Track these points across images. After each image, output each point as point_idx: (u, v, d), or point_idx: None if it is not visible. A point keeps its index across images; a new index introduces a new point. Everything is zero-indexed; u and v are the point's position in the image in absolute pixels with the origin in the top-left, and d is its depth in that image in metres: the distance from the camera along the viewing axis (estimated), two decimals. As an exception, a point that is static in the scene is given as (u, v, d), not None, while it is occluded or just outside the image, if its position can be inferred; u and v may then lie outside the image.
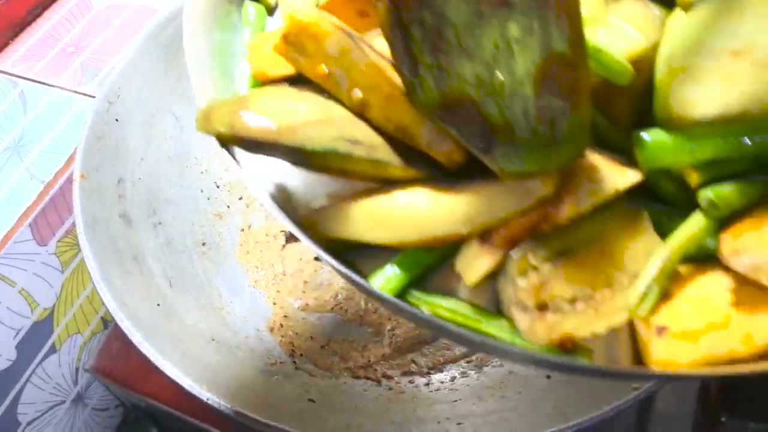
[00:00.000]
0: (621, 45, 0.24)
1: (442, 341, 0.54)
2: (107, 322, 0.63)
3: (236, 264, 0.57)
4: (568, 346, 0.24)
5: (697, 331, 0.23)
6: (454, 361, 0.52)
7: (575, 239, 0.24)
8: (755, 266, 0.21)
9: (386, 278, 0.26)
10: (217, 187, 0.59)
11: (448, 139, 0.24)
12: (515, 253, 0.24)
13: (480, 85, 0.22)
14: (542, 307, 0.23)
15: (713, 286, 0.23)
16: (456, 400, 0.47)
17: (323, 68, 0.25)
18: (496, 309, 0.26)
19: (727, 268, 0.23)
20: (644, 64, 0.25)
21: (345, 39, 0.24)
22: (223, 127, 0.25)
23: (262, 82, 0.29)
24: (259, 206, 0.61)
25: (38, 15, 0.69)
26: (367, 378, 0.51)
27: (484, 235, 0.24)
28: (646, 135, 0.24)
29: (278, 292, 0.57)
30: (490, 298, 0.26)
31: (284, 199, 0.28)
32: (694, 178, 0.24)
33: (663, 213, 0.25)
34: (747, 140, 0.23)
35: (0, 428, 0.55)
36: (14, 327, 0.55)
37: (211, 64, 0.31)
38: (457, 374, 0.51)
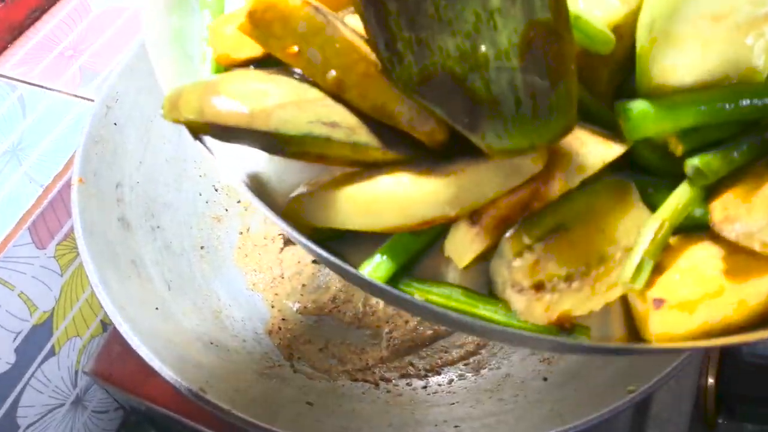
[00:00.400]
0: (600, 12, 0.24)
1: (439, 344, 0.54)
2: (106, 325, 0.63)
3: (234, 267, 0.57)
4: (566, 325, 0.23)
5: (693, 301, 0.23)
6: (452, 363, 0.53)
7: (566, 215, 0.24)
8: (747, 233, 0.21)
9: (375, 266, 0.25)
10: (216, 190, 0.59)
11: (430, 118, 0.23)
12: (509, 234, 0.23)
13: (463, 58, 0.21)
14: (539, 287, 0.23)
15: (705, 255, 0.23)
16: (453, 403, 0.47)
17: (294, 47, 0.23)
18: (488, 291, 0.25)
19: (716, 237, 0.23)
20: (624, 32, 0.24)
21: (316, 15, 0.23)
22: (192, 115, 0.23)
23: (226, 65, 0.28)
24: (257, 209, 0.61)
25: (37, 18, 0.69)
26: (365, 381, 0.51)
27: (474, 216, 0.24)
28: (629, 105, 0.23)
29: (276, 295, 0.57)
30: (481, 280, 0.25)
31: (261, 190, 0.27)
32: (678, 147, 0.24)
33: (649, 184, 0.25)
34: (728, 105, 0.23)
35: (0, 431, 0.55)
36: (13, 330, 0.55)
37: (172, 50, 0.29)
38: (454, 377, 0.52)
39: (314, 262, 0.58)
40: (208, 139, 0.26)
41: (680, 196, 0.24)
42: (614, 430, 0.47)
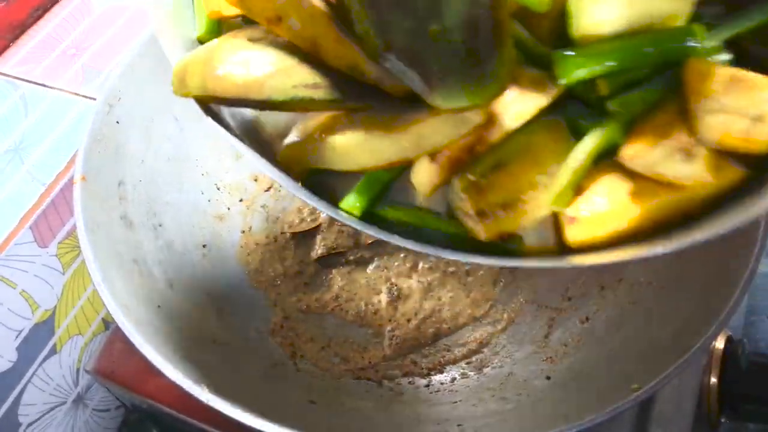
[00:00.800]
0: None
1: (442, 342, 0.54)
2: (108, 323, 0.63)
3: (237, 266, 0.57)
4: (505, 238, 0.29)
5: (604, 215, 0.28)
6: (454, 362, 0.53)
7: (505, 153, 0.29)
8: (647, 165, 0.27)
9: (356, 197, 0.31)
10: (218, 189, 0.59)
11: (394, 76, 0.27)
12: (458, 173, 0.29)
13: (416, 35, 0.25)
14: (481, 214, 0.29)
15: (616, 179, 0.28)
16: (456, 402, 0.47)
17: (275, 16, 0.27)
18: (448, 213, 0.31)
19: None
20: None
21: None
22: (197, 90, 0.28)
23: (218, 21, 0.32)
24: (260, 208, 0.61)
25: (39, 17, 0.69)
26: (368, 379, 0.51)
27: (432, 156, 0.29)
28: (561, 53, 0.27)
29: (279, 293, 0.57)
30: (442, 203, 0.31)
31: (258, 137, 0.32)
32: (603, 89, 0.28)
33: (581, 116, 0.30)
34: (648, 50, 0.27)
35: (1, 429, 0.55)
36: (15, 328, 0.55)
37: (172, 10, 0.33)
38: (457, 375, 0.52)
39: (316, 260, 0.58)
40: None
41: (602, 131, 0.28)
42: (617, 429, 0.47)
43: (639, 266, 0.49)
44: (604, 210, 0.28)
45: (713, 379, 0.49)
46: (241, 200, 0.60)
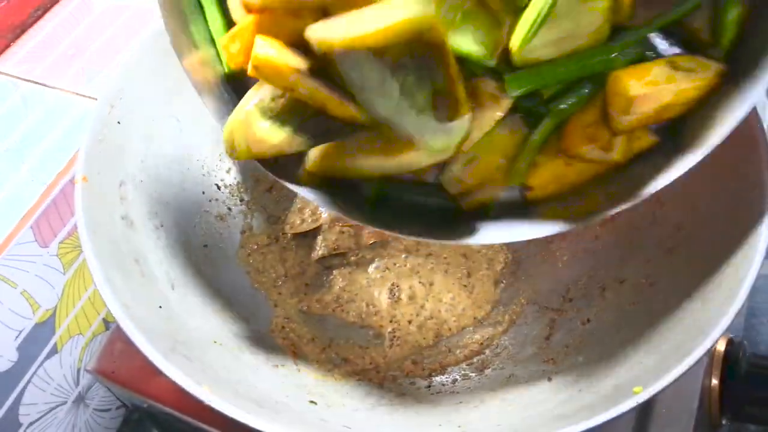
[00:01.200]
0: (476, 47, 0.36)
1: (443, 344, 0.54)
2: (109, 323, 0.63)
3: (238, 266, 0.57)
4: (483, 205, 0.41)
5: (551, 183, 0.40)
6: (456, 363, 0.53)
7: (477, 151, 0.39)
8: (578, 154, 0.38)
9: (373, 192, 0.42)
10: (219, 189, 0.59)
11: None
12: (446, 171, 0.41)
13: (397, 112, 0.34)
14: (462, 195, 0.41)
15: (558, 158, 0.39)
16: (457, 403, 0.47)
17: (289, 87, 0.35)
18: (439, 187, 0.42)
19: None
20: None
21: (295, 72, 0.34)
22: (246, 154, 0.37)
23: (239, 69, 0.38)
24: (261, 209, 0.61)
25: (39, 17, 0.70)
26: (369, 380, 0.51)
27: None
28: (510, 74, 0.36)
29: (280, 294, 0.57)
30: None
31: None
32: (545, 95, 0.37)
33: (533, 106, 0.38)
34: (578, 66, 0.36)
35: (2, 429, 0.55)
36: (16, 328, 0.55)
37: (199, 52, 0.39)
38: (458, 377, 0.51)
39: (317, 261, 0.58)
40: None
41: (545, 127, 0.38)
42: (618, 430, 0.47)
43: (640, 267, 0.49)
44: (551, 179, 0.39)
45: (714, 381, 0.49)
46: (242, 200, 0.60)
